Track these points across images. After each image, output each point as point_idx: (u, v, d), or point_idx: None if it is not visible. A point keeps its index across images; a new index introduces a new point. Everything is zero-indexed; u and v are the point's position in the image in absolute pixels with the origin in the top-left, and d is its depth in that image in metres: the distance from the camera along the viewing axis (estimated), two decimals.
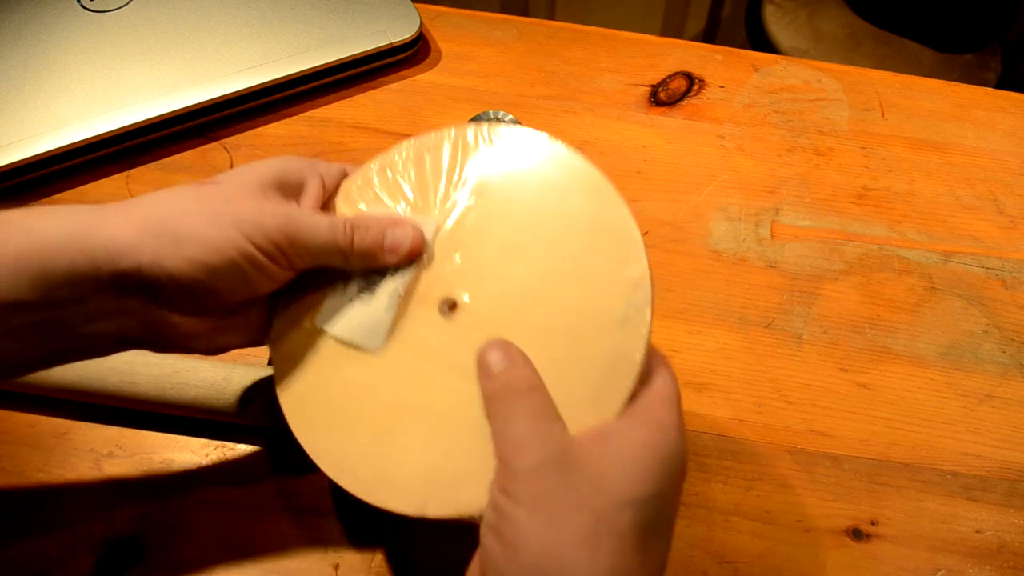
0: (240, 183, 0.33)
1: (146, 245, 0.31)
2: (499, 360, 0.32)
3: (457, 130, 0.38)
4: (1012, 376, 0.48)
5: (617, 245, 0.33)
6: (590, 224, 0.34)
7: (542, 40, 0.64)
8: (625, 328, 0.32)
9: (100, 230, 0.30)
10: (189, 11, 0.60)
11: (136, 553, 0.39)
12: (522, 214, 0.35)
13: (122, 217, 0.31)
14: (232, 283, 0.33)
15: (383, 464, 0.33)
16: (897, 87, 0.62)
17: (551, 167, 0.36)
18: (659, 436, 0.29)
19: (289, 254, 0.33)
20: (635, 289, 0.32)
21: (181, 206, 0.32)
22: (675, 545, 0.41)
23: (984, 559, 0.41)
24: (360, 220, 0.35)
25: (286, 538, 0.40)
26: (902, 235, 0.54)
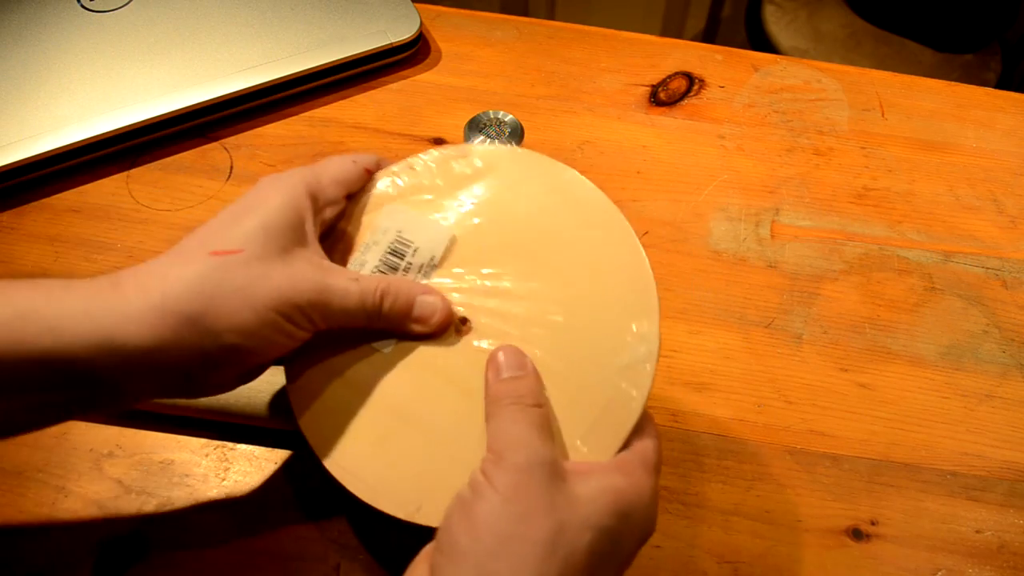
0: (262, 247, 0.32)
1: (183, 342, 0.30)
2: (512, 365, 0.33)
3: (485, 146, 0.38)
4: (1012, 376, 0.48)
5: (633, 296, 0.34)
6: (610, 269, 0.35)
7: (542, 40, 0.64)
8: (626, 377, 0.33)
9: (129, 328, 0.30)
10: (189, 11, 0.60)
11: (136, 553, 0.39)
12: (544, 245, 0.36)
13: (154, 314, 0.30)
14: (264, 353, 0.33)
15: (383, 468, 0.33)
16: (897, 87, 0.62)
17: (580, 204, 0.37)
18: (634, 493, 0.31)
19: (317, 321, 0.33)
20: (642, 343, 0.34)
21: (211, 287, 0.31)
22: (675, 545, 0.41)
23: (984, 559, 0.41)
24: (391, 286, 0.35)
25: (286, 538, 0.40)
26: (902, 235, 0.54)
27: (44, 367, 0.29)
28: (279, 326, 0.32)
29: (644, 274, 0.35)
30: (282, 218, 0.33)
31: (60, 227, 0.52)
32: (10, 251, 0.50)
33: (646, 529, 0.32)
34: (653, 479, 0.32)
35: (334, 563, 0.39)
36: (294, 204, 0.33)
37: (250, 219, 0.32)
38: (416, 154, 0.38)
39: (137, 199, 0.53)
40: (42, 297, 0.30)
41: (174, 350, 0.30)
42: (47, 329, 0.29)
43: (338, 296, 0.33)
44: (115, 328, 0.29)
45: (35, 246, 0.50)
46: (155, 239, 0.51)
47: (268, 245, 0.32)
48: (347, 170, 0.37)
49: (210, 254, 0.31)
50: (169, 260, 0.32)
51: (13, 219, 0.52)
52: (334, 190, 0.36)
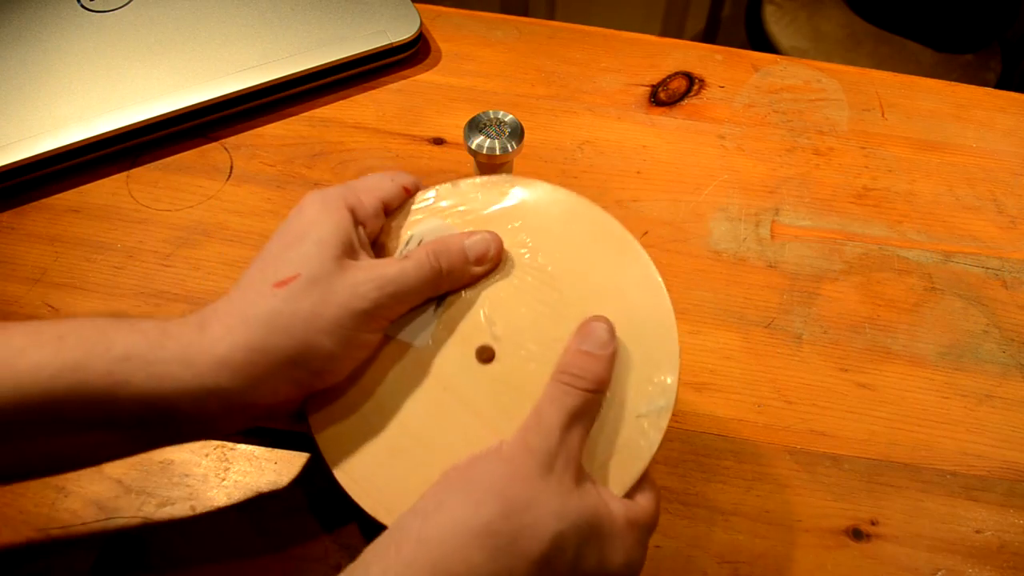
0: (319, 268, 0.33)
1: (274, 378, 0.32)
2: (597, 341, 0.34)
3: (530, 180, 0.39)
4: (1012, 376, 0.48)
5: (657, 350, 0.35)
6: (638, 318, 0.36)
7: (542, 40, 0.64)
8: (640, 425, 0.34)
9: (223, 373, 0.31)
10: (189, 11, 0.60)
11: (136, 553, 0.39)
12: (574, 284, 0.37)
13: (243, 355, 0.31)
14: (347, 367, 0.35)
15: (391, 483, 0.34)
16: (897, 87, 0.62)
17: (612, 249, 0.38)
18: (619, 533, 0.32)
19: (388, 315, 0.35)
20: (661, 395, 0.34)
21: (285, 321, 0.32)
22: (675, 545, 0.41)
23: (984, 559, 0.41)
24: (436, 244, 0.36)
25: (287, 538, 0.40)
26: (902, 235, 0.54)
27: (146, 407, 0.31)
28: (354, 339, 0.33)
29: (670, 327, 0.36)
30: (330, 235, 0.34)
31: (60, 227, 0.52)
32: (10, 251, 0.50)
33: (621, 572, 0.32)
34: (644, 528, 0.33)
35: (334, 563, 0.39)
36: (338, 220, 0.34)
37: (301, 243, 0.34)
38: (462, 178, 0.39)
39: (137, 199, 0.53)
40: (141, 341, 0.31)
41: (267, 385, 0.32)
42: (151, 375, 0.30)
43: (399, 281, 0.34)
44: (213, 373, 0.31)
45: (35, 246, 0.51)
46: (155, 239, 0.51)
47: (323, 263, 0.33)
48: (385, 187, 0.38)
49: (273, 286, 0.32)
50: (241, 296, 0.33)
51: (13, 219, 0.52)
52: (373, 205, 0.37)
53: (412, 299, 0.35)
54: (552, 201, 0.39)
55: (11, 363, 0.29)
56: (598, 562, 0.31)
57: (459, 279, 0.36)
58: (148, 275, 0.49)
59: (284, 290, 0.32)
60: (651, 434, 0.34)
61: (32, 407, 0.30)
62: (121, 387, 0.30)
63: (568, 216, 0.38)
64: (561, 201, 0.39)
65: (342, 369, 0.34)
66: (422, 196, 0.39)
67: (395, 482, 0.34)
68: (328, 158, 0.56)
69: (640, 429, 0.34)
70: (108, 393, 0.30)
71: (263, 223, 0.52)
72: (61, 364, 0.30)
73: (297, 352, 0.32)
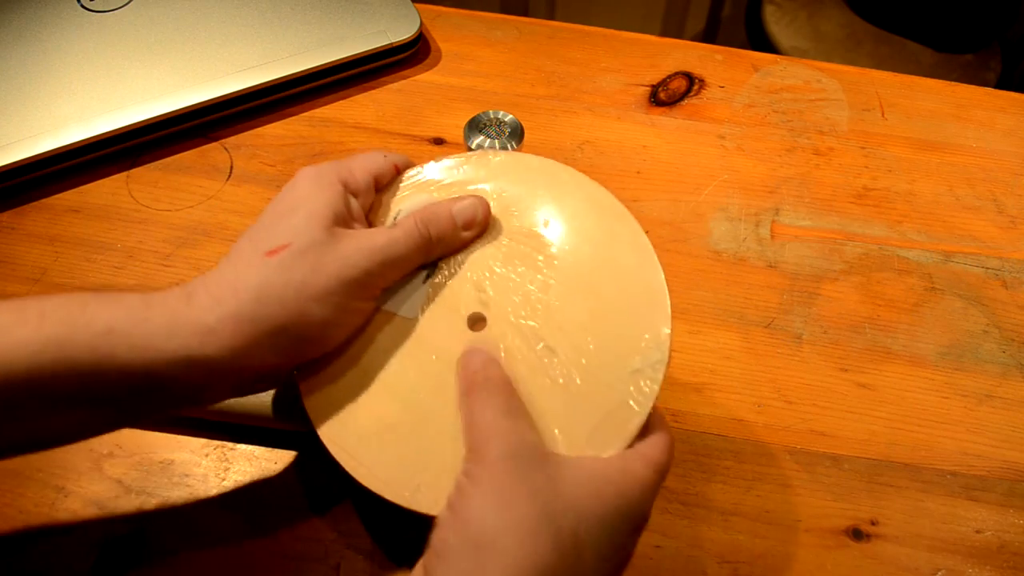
0: (310, 237, 0.33)
1: (262, 346, 0.32)
2: (477, 361, 0.34)
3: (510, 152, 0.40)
4: (1012, 376, 0.48)
5: (649, 306, 0.35)
6: (626, 276, 0.36)
7: (542, 40, 0.64)
8: (636, 380, 0.34)
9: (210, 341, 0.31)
10: (189, 11, 0.60)
11: (136, 553, 0.39)
12: (562, 247, 0.37)
13: (231, 323, 0.31)
14: (339, 335, 0.35)
15: (383, 452, 0.34)
16: (897, 87, 0.62)
17: (596, 210, 0.38)
18: (625, 482, 0.31)
19: (380, 283, 0.35)
20: (655, 349, 0.34)
21: (277, 290, 0.32)
22: (675, 545, 0.41)
23: (984, 559, 0.41)
24: (424, 212, 0.36)
25: (286, 538, 0.40)
26: (902, 235, 0.54)
27: (131, 381, 0.31)
28: (347, 306, 0.33)
29: (659, 284, 0.36)
30: (322, 207, 0.34)
31: (60, 227, 0.52)
32: (10, 251, 0.50)
33: (636, 524, 0.31)
34: (652, 474, 0.32)
35: (334, 563, 0.39)
36: (329, 191, 0.35)
37: (293, 214, 0.34)
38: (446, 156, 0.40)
39: (137, 199, 0.53)
40: (124, 313, 0.31)
41: (255, 355, 0.32)
42: (134, 346, 0.30)
43: (388, 250, 0.34)
44: (198, 343, 0.31)
45: (35, 246, 0.51)
46: (155, 239, 0.51)
47: (313, 233, 0.33)
48: (377, 162, 0.38)
49: (265, 255, 0.32)
50: (231, 267, 0.33)
51: (13, 219, 0.52)
52: (364, 178, 0.37)
53: (403, 267, 0.35)
54: (536, 170, 0.39)
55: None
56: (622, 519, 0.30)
57: (449, 245, 0.37)
58: (148, 275, 0.49)
59: (275, 259, 0.32)
60: (649, 387, 0.34)
61: (16, 384, 0.29)
62: (106, 360, 0.30)
63: (553, 183, 0.39)
64: (546, 169, 0.39)
65: (333, 337, 0.34)
66: (409, 173, 0.39)
67: (388, 451, 0.34)
68: (328, 158, 0.56)
69: (636, 384, 0.34)
70: (93, 367, 0.30)
71: None
72: (44, 340, 0.29)
73: (288, 321, 0.32)
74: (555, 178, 0.39)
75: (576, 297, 0.36)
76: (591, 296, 0.36)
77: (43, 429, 0.32)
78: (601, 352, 0.34)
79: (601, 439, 0.33)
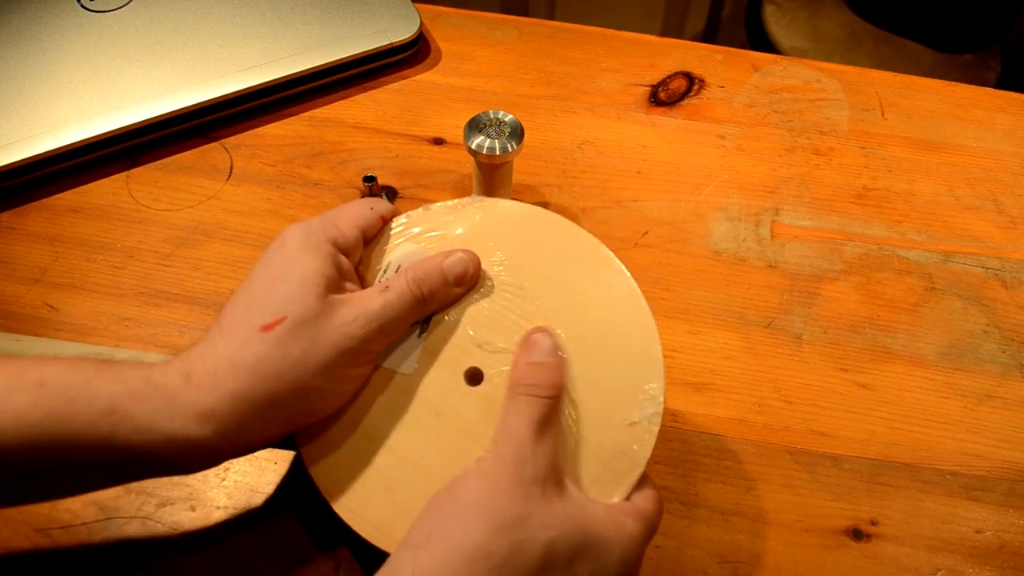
0: (305, 309, 0.32)
1: (264, 422, 0.32)
2: (544, 350, 0.34)
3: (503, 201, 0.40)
4: (1012, 376, 0.48)
5: (642, 357, 0.36)
6: (620, 329, 0.37)
7: (542, 40, 0.64)
8: (632, 434, 0.35)
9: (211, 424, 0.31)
10: (189, 11, 0.60)
11: (136, 553, 0.39)
12: (555, 298, 0.37)
13: (232, 403, 0.31)
14: (339, 401, 0.35)
15: (391, 513, 0.34)
16: (897, 87, 0.62)
17: (591, 264, 0.38)
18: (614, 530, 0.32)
19: (376, 347, 0.35)
20: (650, 403, 0.35)
21: (275, 367, 0.31)
22: (675, 545, 0.41)
23: (984, 559, 0.41)
24: (415, 271, 0.35)
25: (286, 538, 0.40)
26: (902, 235, 0.54)
27: (130, 457, 0.31)
28: (345, 375, 0.34)
29: (652, 336, 0.36)
30: (313, 273, 0.33)
31: (60, 227, 0.52)
32: (10, 251, 0.50)
33: (630, 566, 0.32)
34: (642, 526, 0.33)
35: (334, 563, 0.39)
36: (319, 255, 0.34)
37: (285, 282, 0.33)
38: (432, 203, 0.40)
39: (137, 199, 0.53)
40: (126, 392, 0.31)
41: (255, 429, 0.32)
42: (136, 429, 0.30)
43: (384, 315, 0.34)
44: (197, 425, 0.31)
45: (35, 246, 0.50)
46: (155, 239, 0.51)
47: (308, 303, 0.33)
48: (364, 215, 0.38)
49: (260, 330, 0.32)
50: (226, 342, 0.32)
51: (13, 219, 0.52)
52: (353, 234, 0.37)
53: (399, 328, 0.35)
54: (523, 218, 0.39)
55: None
56: (593, 566, 0.31)
57: (441, 302, 0.36)
58: (148, 275, 0.49)
59: (271, 335, 0.32)
60: (645, 439, 0.34)
61: (14, 453, 0.30)
62: (105, 440, 0.30)
63: (539, 231, 0.39)
64: (531, 217, 0.39)
65: (332, 405, 0.35)
66: (396, 222, 0.39)
67: (396, 510, 0.34)
68: (328, 158, 0.56)
69: (633, 436, 0.34)
70: (92, 444, 0.30)
71: (263, 223, 0.52)
72: (43, 414, 0.30)
73: (287, 394, 0.32)
74: (542, 226, 0.39)
75: (570, 349, 0.36)
76: (585, 347, 0.36)
77: (41, 491, 0.33)
78: (598, 405, 0.35)
79: (602, 488, 0.34)
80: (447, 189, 0.55)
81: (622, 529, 0.32)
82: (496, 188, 0.48)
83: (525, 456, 0.31)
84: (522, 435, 0.32)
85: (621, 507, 0.33)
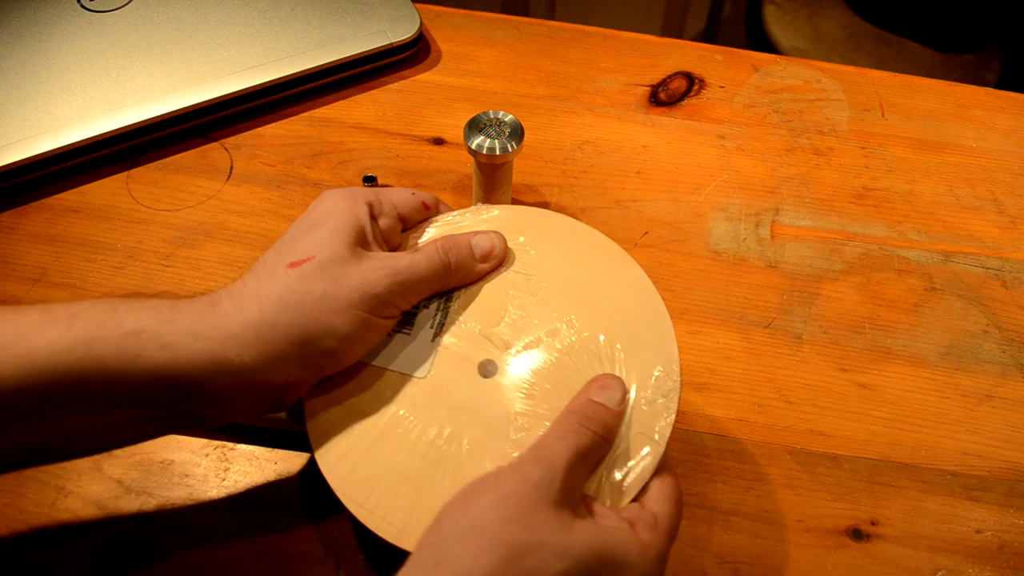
0: (332, 252, 0.34)
1: (283, 354, 0.32)
2: (609, 396, 0.34)
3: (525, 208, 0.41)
4: (1012, 376, 0.48)
5: (656, 344, 0.36)
6: (634, 320, 0.37)
7: (542, 40, 0.64)
8: (651, 411, 0.34)
9: (232, 346, 0.32)
10: (189, 11, 0.60)
11: (136, 553, 0.39)
12: (570, 295, 0.38)
13: (254, 330, 0.32)
14: (356, 352, 0.35)
15: (409, 510, 0.34)
16: (897, 87, 0.62)
17: (605, 260, 0.39)
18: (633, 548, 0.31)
19: (399, 303, 0.35)
20: (664, 387, 0.35)
21: (297, 298, 0.33)
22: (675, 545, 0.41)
23: (984, 559, 0.41)
24: (445, 240, 0.37)
25: (286, 538, 0.40)
26: (902, 235, 0.54)
27: (158, 382, 0.31)
28: (366, 321, 0.34)
29: (664, 322, 0.37)
30: (346, 224, 0.35)
31: (60, 227, 0.52)
32: (10, 251, 0.50)
33: None
34: (661, 540, 0.32)
35: (334, 563, 0.39)
36: (354, 211, 0.36)
37: (317, 229, 0.35)
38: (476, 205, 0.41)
39: (137, 199, 0.53)
40: (152, 316, 0.32)
41: (276, 365, 0.32)
42: (162, 347, 0.31)
43: (410, 271, 0.35)
44: (221, 346, 0.32)
45: (35, 246, 0.51)
46: (155, 239, 0.51)
47: (336, 248, 0.34)
48: (404, 197, 0.39)
49: (287, 267, 0.33)
50: (255, 278, 0.34)
51: (13, 219, 0.52)
52: (389, 208, 0.38)
53: (422, 290, 0.36)
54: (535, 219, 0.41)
55: (25, 340, 0.30)
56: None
57: (466, 275, 0.38)
58: (148, 275, 0.49)
59: (297, 271, 0.33)
60: (661, 429, 0.34)
61: (46, 384, 0.30)
62: (133, 361, 0.31)
63: (545, 229, 0.40)
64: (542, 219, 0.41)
65: (353, 352, 0.35)
66: (444, 218, 0.40)
67: (413, 508, 0.34)
68: (328, 158, 0.56)
69: (648, 426, 0.34)
70: (120, 367, 0.31)
71: (263, 223, 0.52)
72: (74, 340, 0.30)
73: (308, 330, 0.33)
74: (551, 226, 0.40)
75: (585, 338, 0.36)
76: (600, 334, 0.36)
77: (71, 433, 0.33)
78: None
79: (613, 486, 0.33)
80: (447, 189, 0.55)
81: (643, 550, 0.31)
82: (496, 188, 0.48)
83: (554, 481, 0.30)
84: (559, 459, 0.31)
85: (639, 520, 0.32)
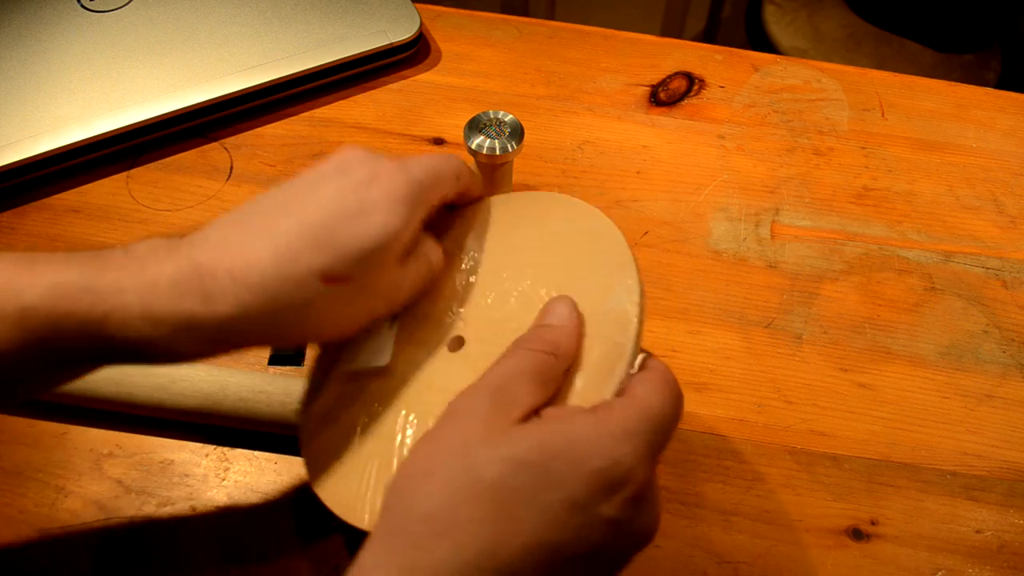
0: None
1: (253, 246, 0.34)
2: (556, 313, 0.33)
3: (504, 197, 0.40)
4: (1012, 376, 0.48)
5: (613, 262, 0.34)
6: (589, 248, 0.35)
7: (542, 40, 0.64)
8: (614, 318, 0.32)
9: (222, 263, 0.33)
10: (189, 11, 0.60)
11: (136, 553, 0.39)
12: (516, 239, 0.37)
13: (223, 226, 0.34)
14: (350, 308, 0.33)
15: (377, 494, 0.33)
16: (897, 87, 0.62)
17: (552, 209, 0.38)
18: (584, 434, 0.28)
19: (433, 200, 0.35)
20: (624, 292, 0.33)
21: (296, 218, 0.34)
22: (675, 545, 0.41)
23: (984, 559, 0.41)
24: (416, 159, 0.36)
25: (286, 539, 0.40)
26: (902, 235, 0.54)
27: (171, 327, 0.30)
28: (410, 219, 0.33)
29: (620, 247, 0.34)
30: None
31: (60, 227, 0.52)
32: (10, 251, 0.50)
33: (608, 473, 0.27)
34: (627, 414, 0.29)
35: (334, 563, 0.39)
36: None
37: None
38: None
39: (137, 199, 0.53)
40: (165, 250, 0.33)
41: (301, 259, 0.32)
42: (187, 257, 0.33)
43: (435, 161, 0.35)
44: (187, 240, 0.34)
45: (35, 246, 0.50)
46: None
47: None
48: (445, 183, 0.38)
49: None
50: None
51: (13, 219, 0.52)
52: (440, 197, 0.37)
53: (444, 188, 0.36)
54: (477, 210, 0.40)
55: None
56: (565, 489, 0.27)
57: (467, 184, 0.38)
58: None
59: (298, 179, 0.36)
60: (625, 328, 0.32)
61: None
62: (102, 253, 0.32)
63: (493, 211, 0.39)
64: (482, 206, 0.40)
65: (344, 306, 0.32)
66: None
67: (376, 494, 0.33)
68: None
69: (612, 328, 0.32)
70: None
71: None
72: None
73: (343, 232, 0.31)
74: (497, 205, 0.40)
75: (542, 270, 0.35)
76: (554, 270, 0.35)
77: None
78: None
79: (589, 395, 0.31)
80: None
81: (597, 423, 0.28)
82: (496, 188, 0.48)
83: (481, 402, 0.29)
84: (488, 383, 0.30)
85: (602, 406, 0.29)
